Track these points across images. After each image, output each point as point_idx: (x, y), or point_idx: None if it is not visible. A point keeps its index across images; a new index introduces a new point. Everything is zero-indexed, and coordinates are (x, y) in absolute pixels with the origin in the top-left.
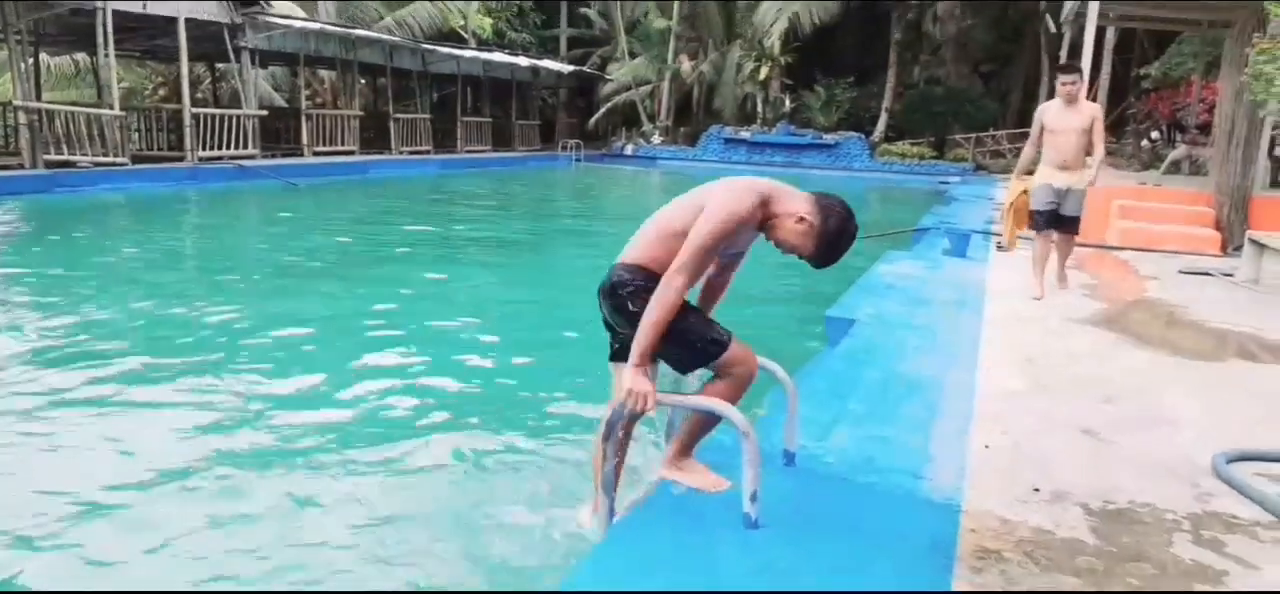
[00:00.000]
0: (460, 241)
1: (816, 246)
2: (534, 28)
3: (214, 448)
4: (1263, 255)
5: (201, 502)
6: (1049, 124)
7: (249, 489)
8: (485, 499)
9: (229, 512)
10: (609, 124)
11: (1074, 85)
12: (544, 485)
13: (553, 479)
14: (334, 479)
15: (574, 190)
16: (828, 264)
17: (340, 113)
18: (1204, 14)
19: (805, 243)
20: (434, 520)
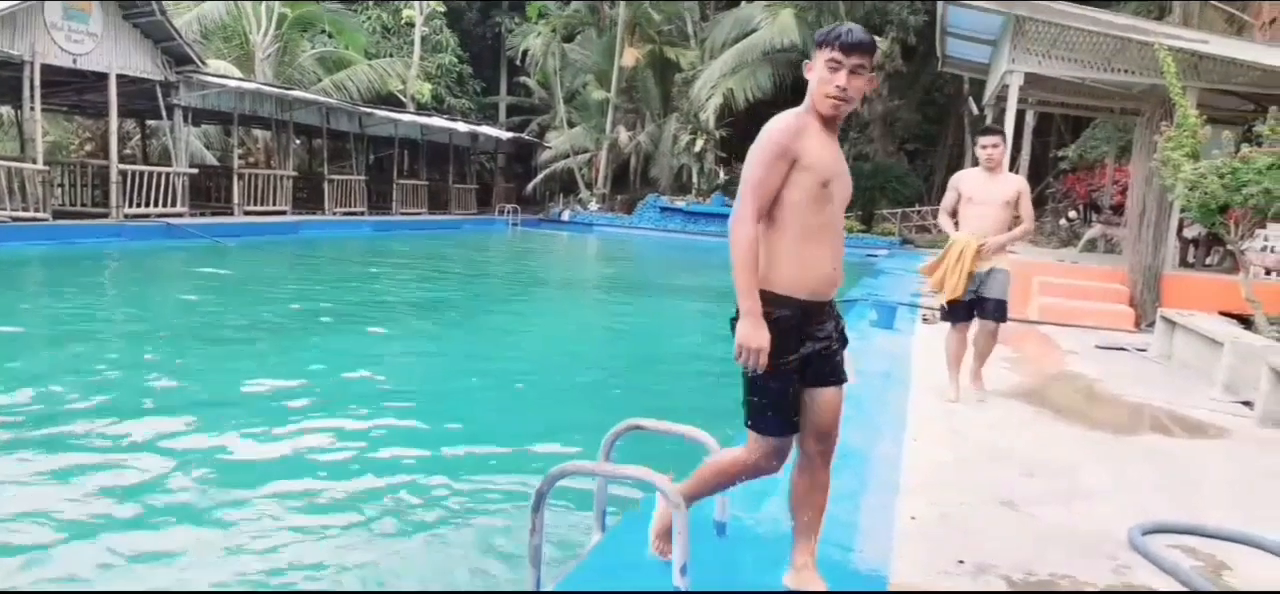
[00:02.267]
0: (391, 304)
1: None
2: (474, 94)
3: (111, 513)
4: (1174, 332)
5: (92, 570)
6: (967, 193)
7: (154, 549)
8: (408, 563)
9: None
10: (547, 190)
11: (997, 149)
12: (470, 553)
13: (481, 544)
14: (251, 538)
15: (510, 254)
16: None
17: (273, 172)
18: (1116, 102)
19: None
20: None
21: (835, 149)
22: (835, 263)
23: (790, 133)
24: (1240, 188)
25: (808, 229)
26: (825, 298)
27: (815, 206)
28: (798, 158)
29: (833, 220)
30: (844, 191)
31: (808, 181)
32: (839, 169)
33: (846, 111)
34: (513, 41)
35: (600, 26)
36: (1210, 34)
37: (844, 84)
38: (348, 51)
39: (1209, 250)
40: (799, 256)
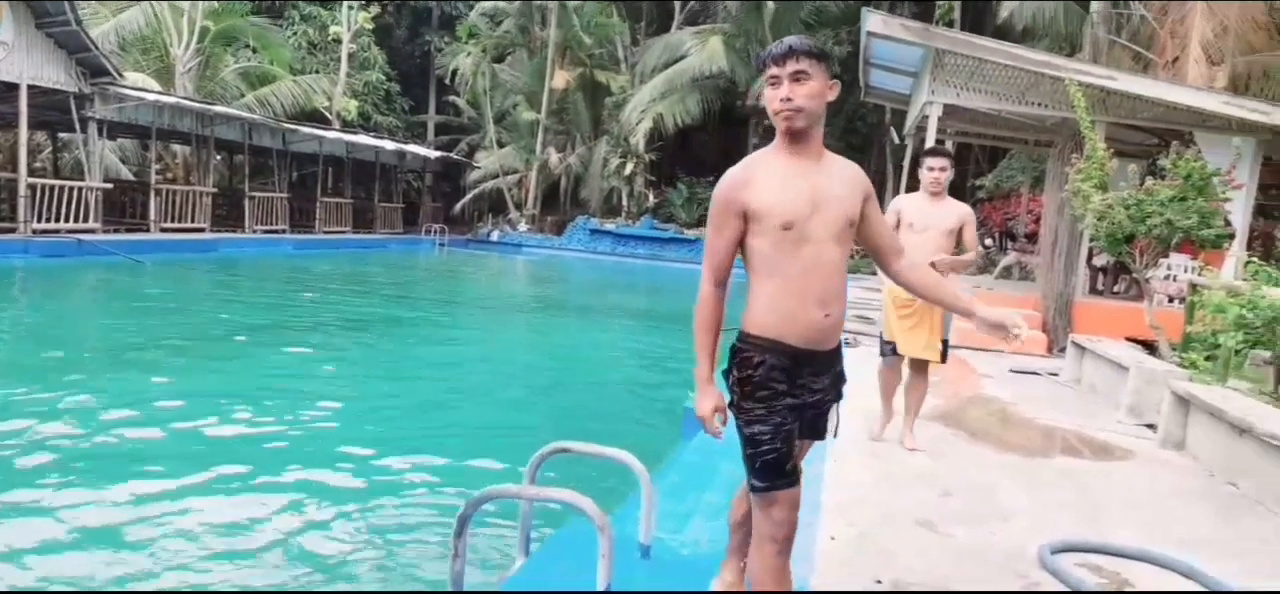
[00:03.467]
0: (312, 324)
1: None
2: (401, 112)
3: (9, 542)
4: (1083, 357)
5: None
6: (908, 218)
7: (61, 573)
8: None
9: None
10: (475, 210)
11: (945, 172)
12: (392, 578)
13: (404, 569)
14: (162, 567)
15: (437, 274)
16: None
17: (192, 188)
18: (1030, 134)
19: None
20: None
21: (812, 179)
22: (826, 308)
23: (732, 185)
24: (1145, 219)
25: (784, 277)
26: (821, 348)
27: (784, 252)
28: (746, 207)
29: (816, 264)
30: (828, 226)
31: (766, 227)
32: (810, 203)
33: (807, 120)
34: (442, 61)
35: (531, 48)
36: (1117, 70)
37: (787, 94)
38: (272, 67)
39: (1116, 279)
40: (779, 306)
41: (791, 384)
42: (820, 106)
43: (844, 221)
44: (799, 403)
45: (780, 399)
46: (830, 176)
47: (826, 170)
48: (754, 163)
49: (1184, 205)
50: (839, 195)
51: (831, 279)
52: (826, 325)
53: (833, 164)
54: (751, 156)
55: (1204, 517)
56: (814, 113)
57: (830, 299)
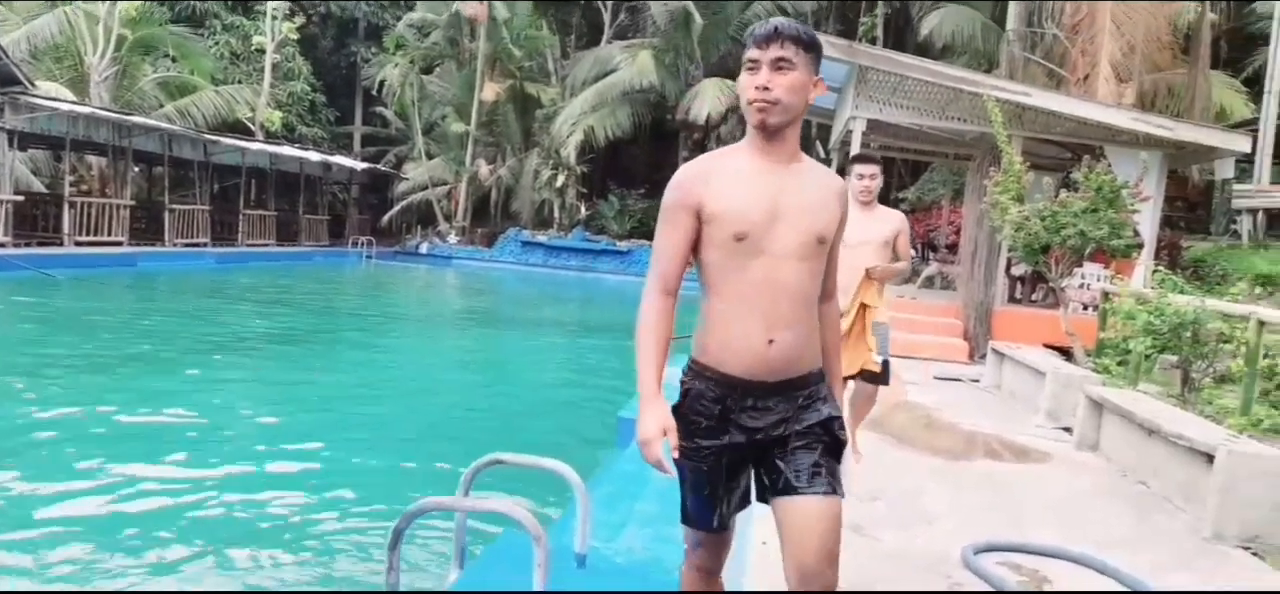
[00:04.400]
0: (235, 339)
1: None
2: (327, 123)
3: None
4: (1003, 363)
5: None
6: (843, 234)
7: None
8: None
9: None
10: (404, 222)
11: (875, 180)
12: None
13: (338, 585)
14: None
15: (364, 287)
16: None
17: (109, 201)
18: (951, 148)
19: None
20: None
21: (778, 184)
22: (773, 334)
23: (688, 178)
24: (1059, 229)
25: (728, 295)
26: (767, 378)
27: (734, 265)
28: (701, 205)
29: (768, 281)
30: (791, 239)
31: (718, 235)
32: (769, 211)
33: (782, 116)
34: (369, 72)
35: (460, 60)
36: (1033, 87)
37: (765, 83)
38: (193, 77)
39: (1034, 287)
40: (718, 328)
41: (723, 420)
42: (801, 103)
43: (811, 237)
44: (733, 443)
45: (708, 438)
46: (802, 185)
47: (799, 177)
48: (716, 158)
49: (1096, 217)
50: (809, 207)
51: (785, 301)
52: (773, 356)
53: (809, 172)
54: (716, 151)
55: (1117, 515)
56: (792, 109)
57: (780, 324)
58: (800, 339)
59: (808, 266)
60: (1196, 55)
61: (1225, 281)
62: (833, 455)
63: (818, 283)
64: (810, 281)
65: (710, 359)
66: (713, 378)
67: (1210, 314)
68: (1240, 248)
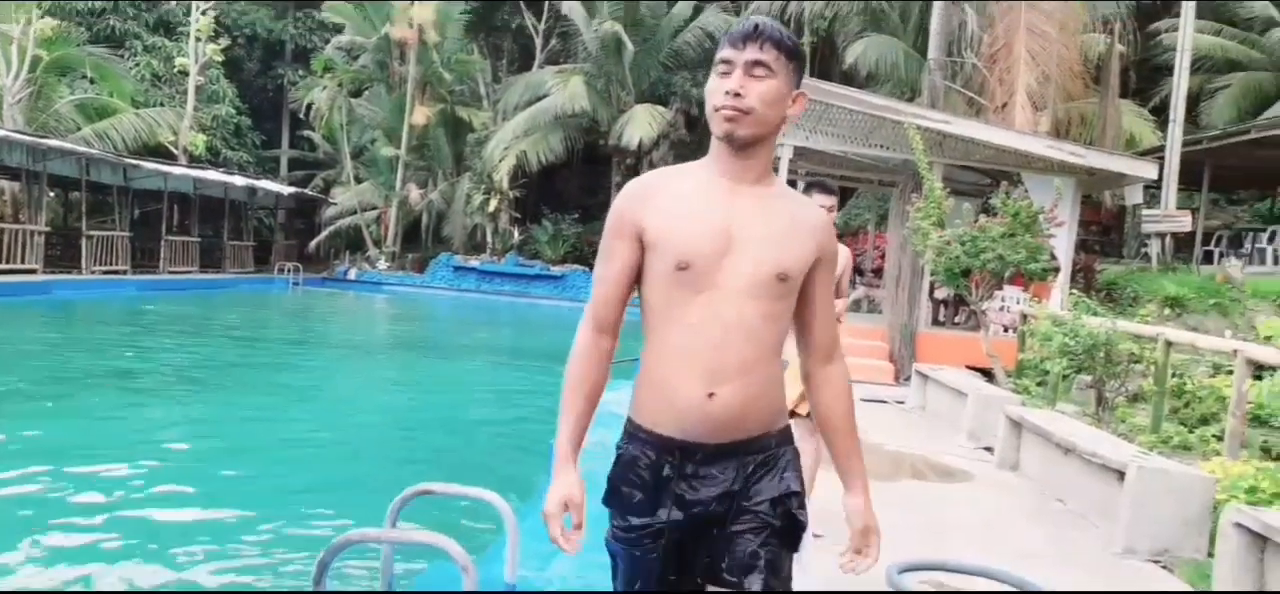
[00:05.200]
0: (155, 368)
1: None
2: (253, 147)
3: None
4: (927, 385)
5: None
6: None
7: None
8: None
9: None
10: (332, 247)
11: (831, 212)
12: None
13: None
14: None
15: (290, 314)
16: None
17: (21, 227)
18: (875, 174)
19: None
20: None
21: (736, 207)
22: (715, 386)
23: (630, 198)
24: (979, 254)
25: (671, 337)
26: (708, 440)
27: (675, 301)
28: (641, 228)
29: (713, 322)
30: (744, 272)
31: (659, 265)
32: (720, 238)
33: (753, 130)
34: (296, 95)
35: (390, 84)
36: (953, 115)
37: (737, 87)
38: (112, 99)
39: (957, 310)
40: (659, 377)
41: (658, 492)
42: (776, 118)
43: (769, 273)
44: (672, 520)
45: (640, 514)
46: (768, 212)
47: (765, 203)
48: (666, 175)
49: (1013, 241)
50: (771, 237)
51: (732, 346)
52: (715, 412)
53: (779, 198)
54: (671, 167)
55: (1037, 532)
56: (766, 122)
57: (725, 374)
58: (750, 393)
59: (761, 307)
60: (1107, 85)
61: (1137, 303)
62: (783, 542)
63: (775, 328)
64: (764, 325)
65: (646, 417)
66: (648, 439)
67: (1121, 335)
68: (1150, 271)
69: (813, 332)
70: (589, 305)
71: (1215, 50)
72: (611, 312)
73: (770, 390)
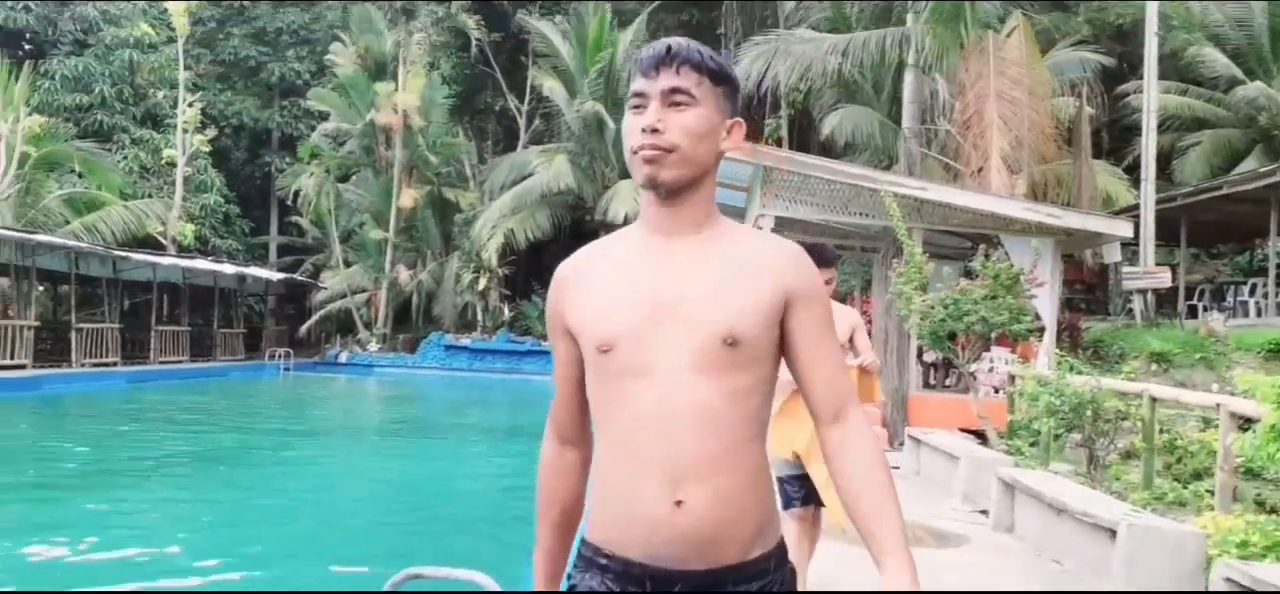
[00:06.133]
0: (146, 460)
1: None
2: (241, 234)
3: None
4: (920, 449)
5: None
6: None
7: None
8: None
9: None
10: (323, 331)
11: (831, 284)
12: None
13: None
14: None
15: (281, 401)
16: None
17: (11, 323)
18: (858, 241)
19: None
20: None
21: (667, 267)
22: (679, 490)
23: (555, 281)
24: (962, 317)
25: (616, 435)
26: (679, 565)
27: (613, 393)
28: (565, 318)
29: (658, 413)
30: (681, 345)
31: (588, 353)
32: (646, 309)
33: (679, 171)
34: (284, 182)
35: (377, 168)
36: (930, 180)
37: (651, 121)
38: (101, 193)
39: (947, 373)
40: (610, 485)
41: None
42: (707, 153)
43: (712, 337)
44: None
45: None
46: (708, 262)
47: (704, 251)
48: (599, 246)
49: (996, 303)
50: (713, 294)
51: (689, 440)
52: (683, 525)
53: (725, 241)
54: (608, 236)
55: None
56: (693, 159)
57: (689, 476)
58: (729, 497)
59: (716, 384)
60: (1079, 147)
61: (1123, 360)
62: None
63: (744, 408)
64: (727, 406)
65: (602, 535)
66: (608, 566)
67: (1106, 393)
68: (1135, 327)
69: (811, 390)
70: (550, 413)
71: (1183, 109)
72: (569, 417)
73: (756, 491)
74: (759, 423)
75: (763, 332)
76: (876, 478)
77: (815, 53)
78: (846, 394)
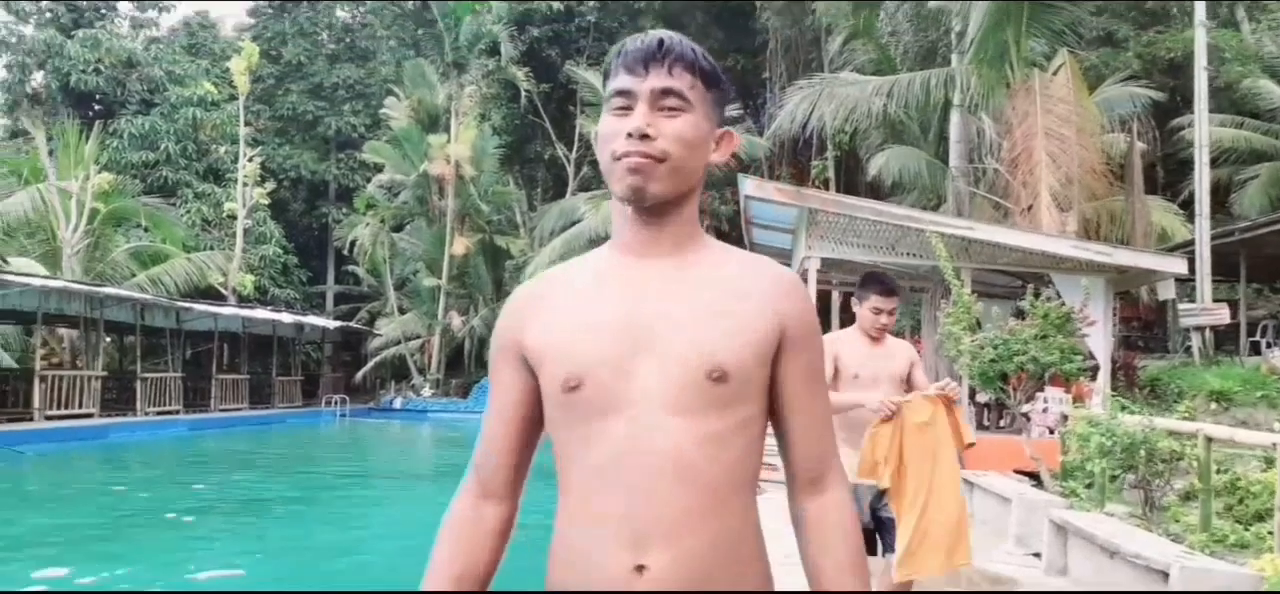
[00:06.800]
0: (206, 506)
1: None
2: (299, 284)
3: None
4: (973, 492)
5: None
6: (849, 365)
7: None
8: None
9: None
10: (377, 377)
11: (893, 317)
12: None
13: None
14: None
15: (337, 446)
16: None
17: (80, 373)
18: (906, 281)
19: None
20: None
21: (646, 292)
22: (647, 551)
23: (510, 308)
24: (1012, 356)
25: (579, 486)
26: None
27: (578, 437)
28: (522, 346)
29: (629, 456)
30: (660, 378)
31: (549, 388)
32: (624, 338)
33: (667, 184)
34: (340, 232)
35: (430, 217)
36: (979, 219)
37: (641, 125)
38: (165, 245)
39: (1000, 413)
40: (569, 540)
41: None
42: (698, 166)
43: (697, 371)
44: None
45: None
46: (692, 285)
47: (688, 273)
48: (564, 270)
49: (1046, 342)
50: (697, 319)
51: (661, 492)
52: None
53: (711, 263)
54: (573, 260)
55: None
56: (684, 172)
57: (655, 534)
58: (701, 562)
59: (697, 426)
60: (1131, 183)
61: (1181, 399)
62: None
63: (726, 457)
64: (707, 454)
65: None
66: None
67: (1159, 433)
68: (1193, 365)
69: (790, 447)
70: (473, 460)
71: (1239, 142)
72: (501, 466)
73: (737, 555)
74: (744, 474)
75: (754, 367)
76: (853, 565)
77: (860, 95)
78: (830, 458)
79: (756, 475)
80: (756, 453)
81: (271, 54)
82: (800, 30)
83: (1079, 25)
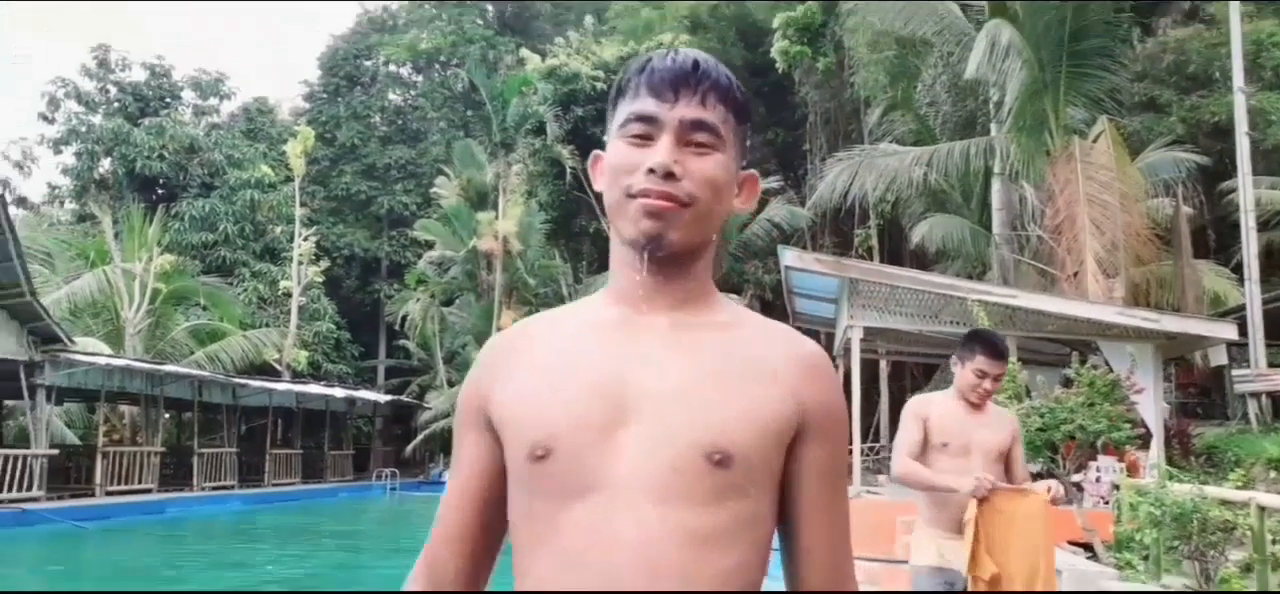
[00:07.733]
0: (257, 582)
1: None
2: (351, 359)
3: None
4: None
5: None
6: (941, 433)
7: None
8: None
9: None
10: (427, 450)
11: (999, 382)
12: None
13: None
14: None
15: (387, 520)
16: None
17: (139, 449)
18: (952, 349)
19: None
20: None
21: (642, 351)
22: None
23: (480, 363)
24: (1059, 425)
25: (538, 573)
26: None
27: (541, 515)
28: (487, 409)
29: (599, 546)
30: (646, 456)
31: (513, 459)
32: (606, 403)
33: (688, 231)
34: (392, 307)
35: (479, 291)
36: (1023, 287)
37: (667, 160)
38: (222, 323)
39: None
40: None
41: None
42: (723, 213)
43: (693, 451)
44: None
45: None
46: (695, 349)
47: (690, 335)
48: (548, 318)
49: (1094, 411)
50: (698, 389)
51: (643, 580)
52: None
53: (719, 326)
54: (564, 306)
55: None
56: (709, 221)
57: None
58: None
59: (688, 518)
60: (1179, 249)
61: (1239, 468)
62: None
63: (722, 559)
64: (697, 554)
65: None
66: None
67: (1211, 502)
68: (1251, 432)
69: (804, 556)
70: (428, 543)
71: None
72: (459, 552)
73: None
74: (742, 584)
75: (766, 453)
76: None
77: (900, 165)
78: (847, 582)
79: (758, 588)
80: (759, 566)
81: (326, 137)
82: (839, 103)
83: (1118, 92)
